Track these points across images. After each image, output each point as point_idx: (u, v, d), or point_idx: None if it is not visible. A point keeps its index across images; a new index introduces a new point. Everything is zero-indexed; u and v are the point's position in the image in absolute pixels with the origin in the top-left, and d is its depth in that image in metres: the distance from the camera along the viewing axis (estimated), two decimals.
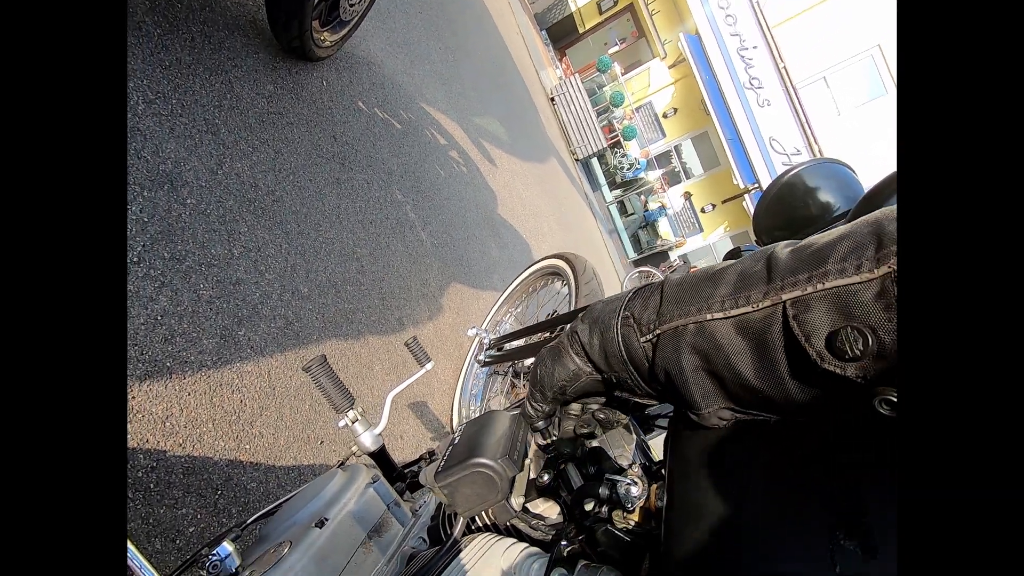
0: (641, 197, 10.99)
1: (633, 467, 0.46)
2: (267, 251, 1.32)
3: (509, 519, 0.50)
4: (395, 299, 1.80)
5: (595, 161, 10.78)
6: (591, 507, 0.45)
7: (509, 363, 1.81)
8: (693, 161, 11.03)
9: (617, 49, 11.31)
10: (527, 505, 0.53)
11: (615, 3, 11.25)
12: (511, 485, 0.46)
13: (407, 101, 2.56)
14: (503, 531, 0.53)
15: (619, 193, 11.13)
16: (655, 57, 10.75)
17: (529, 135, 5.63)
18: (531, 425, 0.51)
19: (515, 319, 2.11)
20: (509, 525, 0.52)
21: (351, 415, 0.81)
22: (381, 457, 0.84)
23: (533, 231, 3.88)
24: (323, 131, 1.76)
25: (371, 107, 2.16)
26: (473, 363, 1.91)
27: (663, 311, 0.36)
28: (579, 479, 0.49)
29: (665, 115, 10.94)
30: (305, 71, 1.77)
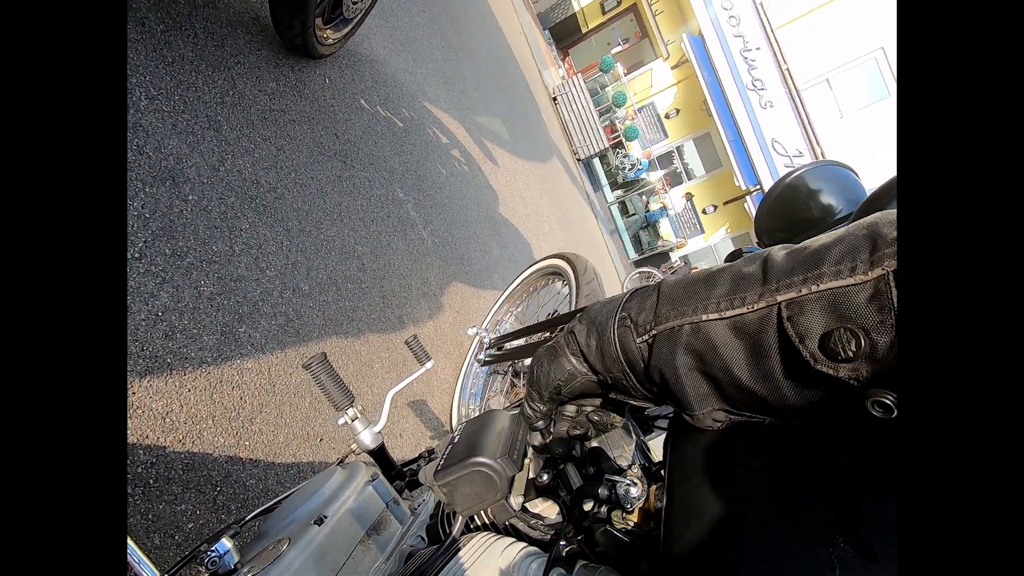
0: (643, 198, 10.99)
1: (633, 468, 0.46)
2: (268, 248, 1.32)
3: (508, 518, 0.50)
4: (396, 297, 1.80)
5: (597, 161, 10.77)
6: (590, 507, 0.45)
7: (509, 362, 1.81)
8: (695, 162, 11.02)
9: (620, 49, 11.30)
10: (526, 505, 0.53)
11: (618, 3, 11.24)
12: (510, 484, 0.46)
13: (409, 99, 2.56)
14: (502, 530, 0.53)
15: (620, 193, 11.12)
16: (658, 58, 10.74)
17: (531, 134, 5.63)
18: (530, 425, 0.51)
19: (515, 318, 2.11)
20: (508, 524, 0.52)
21: (351, 413, 0.81)
22: (380, 455, 0.84)
23: (534, 230, 3.88)
24: (325, 129, 1.76)
25: (373, 105, 2.16)
26: (473, 362, 1.91)
27: (659, 312, 0.36)
28: (578, 479, 0.49)
29: (667, 116, 10.93)
30: (308, 68, 1.77)
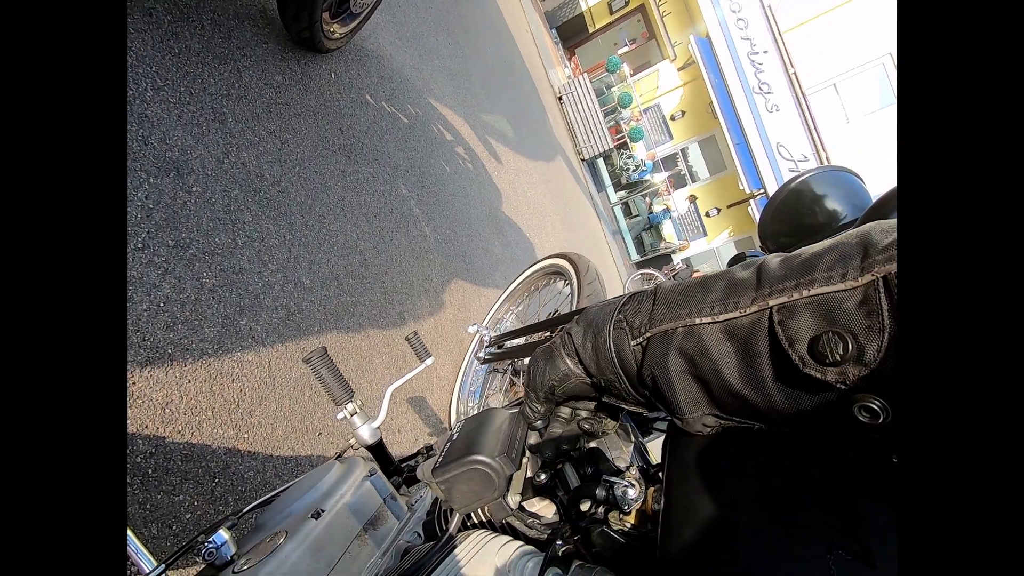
0: (646, 199, 10.97)
1: (631, 469, 0.46)
2: (271, 241, 1.32)
3: (505, 517, 0.51)
4: (397, 293, 1.80)
5: (601, 162, 10.75)
6: (587, 508, 0.45)
7: (508, 361, 1.81)
8: (699, 164, 10.99)
9: (627, 50, 11.27)
10: (523, 504, 0.53)
11: (626, 3, 11.21)
12: (508, 483, 0.46)
13: (415, 96, 2.56)
14: (498, 529, 0.53)
15: (624, 194, 11.10)
16: (665, 59, 10.70)
17: (536, 133, 5.62)
18: (529, 425, 0.51)
19: (516, 317, 2.11)
20: (505, 523, 0.52)
21: (350, 408, 0.81)
22: (378, 451, 0.84)
23: (537, 230, 3.88)
24: (330, 123, 1.76)
25: (379, 101, 2.16)
26: (473, 360, 1.91)
27: (654, 315, 0.36)
28: (576, 479, 0.49)
29: (673, 117, 10.90)
30: (314, 63, 1.77)
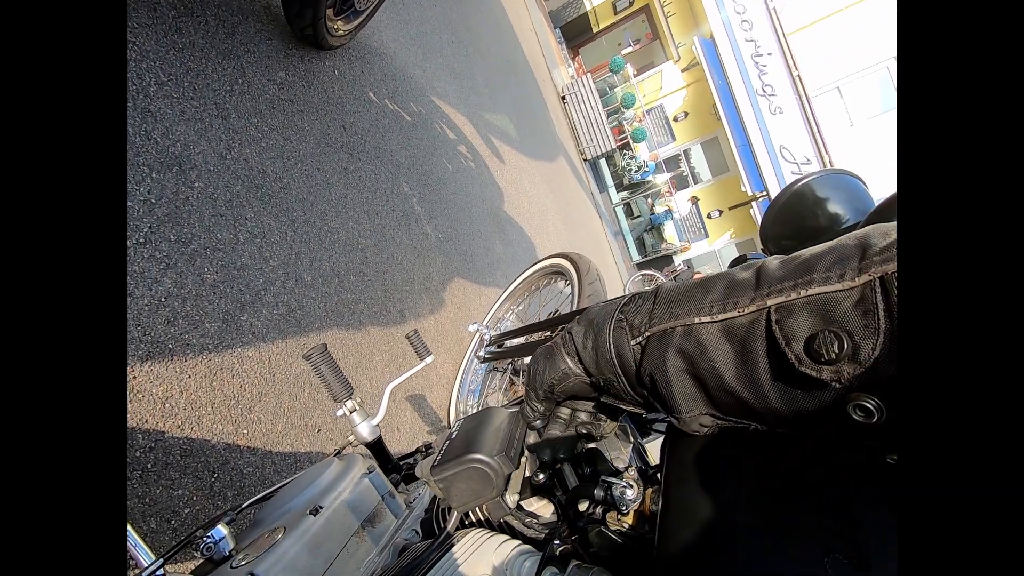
0: (648, 200, 10.96)
1: (629, 470, 0.46)
2: (272, 238, 1.32)
3: (503, 516, 0.51)
4: (398, 291, 1.80)
5: (603, 162, 10.74)
6: (585, 508, 0.45)
7: (508, 360, 1.81)
8: (702, 166, 10.98)
9: (630, 50, 11.25)
10: (521, 503, 0.53)
11: (630, 4, 11.19)
12: (506, 482, 0.46)
13: (418, 94, 2.56)
14: (496, 527, 0.53)
15: (626, 195, 11.10)
16: (668, 60, 10.69)
17: (539, 133, 5.62)
18: (528, 424, 0.51)
19: (517, 317, 2.11)
20: (503, 522, 0.52)
21: (349, 405, 0.81)
22: (377, 448, 0.84)
23: (538, 229, 3.88)
24: (333, 120, 1.76)
25: (382, 98, 2.16)
26: (473, 359, 1.91)
27: (654, 315, 0.37)
28: (574, 479, 0.49)
29: (676, 119, 10.89)
30: (317, 59, 1.77)
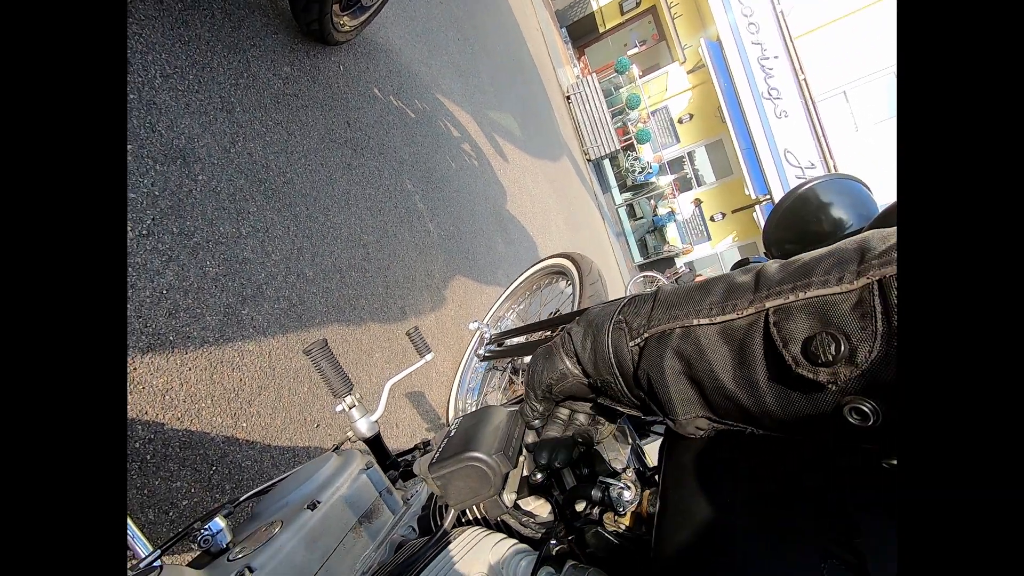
0: (651, 201, 10.94)
1: (627, 471, 0.46)
2: (275, 232, 1.32)
3: (500, 515, 0.51)
4: (399, 288, 1.81)
5: (607, 162, 10.73)
6: (582, 508, 0.45)
7: (508, 359, 1.81)
8: (706, 168, 10.95)
9: (636, 51, 11.23)
10: (519, 502, 0.53)
11: (637, 4, 11.16)
12: (504, 481, 0.46)
13: (423, 91, 2.56)
14: (493, 526, 0.53)
15: (629, 196, 11.08)
16: (674, 61, 10.66)
17: (543, 132, 5.61)
18: (527, 423, 0.51)
19: (517, 316, 2.11)
20: (499, 520, 0.52)
21: (349, 400, 0.81)
22: (376, 444, 0.84)
23: (541, 229, 3.88)
24: (337, 116, 1.76)
25: (386, 95, 2.16)
26: (472, 357, 1.91)
27: (653, 316, 0.37)
28: (572, 480, 0.49)
29: (680, 120, 10.86)
30: (323, 55, 1.77)
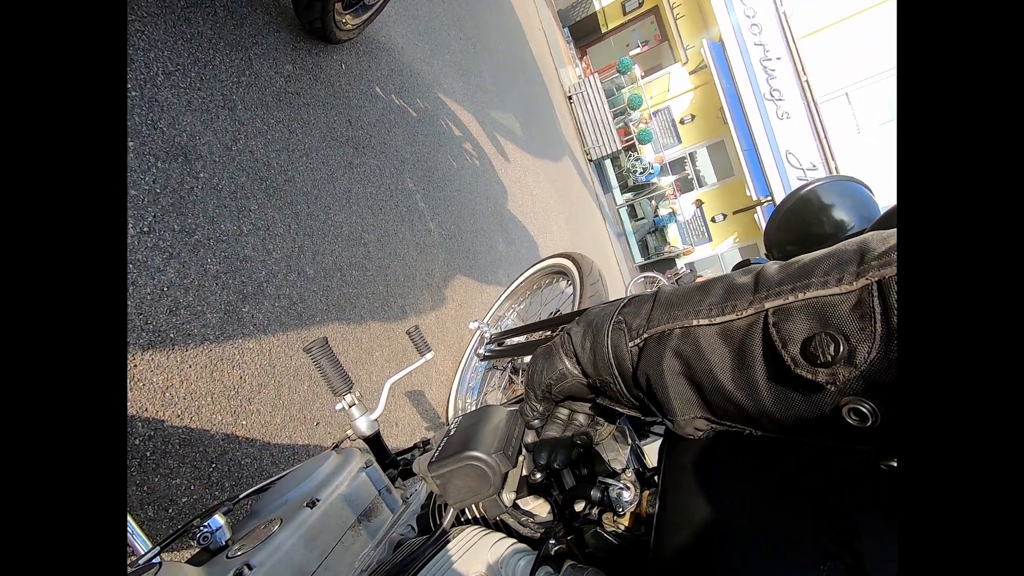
0: (652, 202, 10.93)
1: (627, 472, 0.46)
2: (276, 230, 1.32)
3: (499, 514, 0.51)
4: (399, 287, 1.81)
5: (608, 163, 10.72)
6: (582, 508, 0.45)
7: (508, 359, 1.81)
8: (707, 169, 10.95)
9: (639, 51, 11.22)
10: (518, 501, 0.53)
11: (640, 4, 11.15)
12: (503, 480, 0.46)
13: (424, 90, 2.56)
14: (492, 525, 0.53)
15: (630, 196, 11.07)
16: (676, 62, 10.65)
17: (544, 132, 5.61)
18: (527, 423, 0.51)
19: (518, 315, 2.11)
20: (498, 520, 0.52)
21: (348, 399, 0.81)
22: (375, 443, 0.84)
23: (541, 229, 3.88)
24: (339, 114, 1.76)
25: (388, 93, 2.16)
26: (472, 356, 1.91)
27: (653, 317, 0.37)
28: (571, 480, 0.49)
29: (682, 121, 10.85)
30: (325, 53, 1.77)
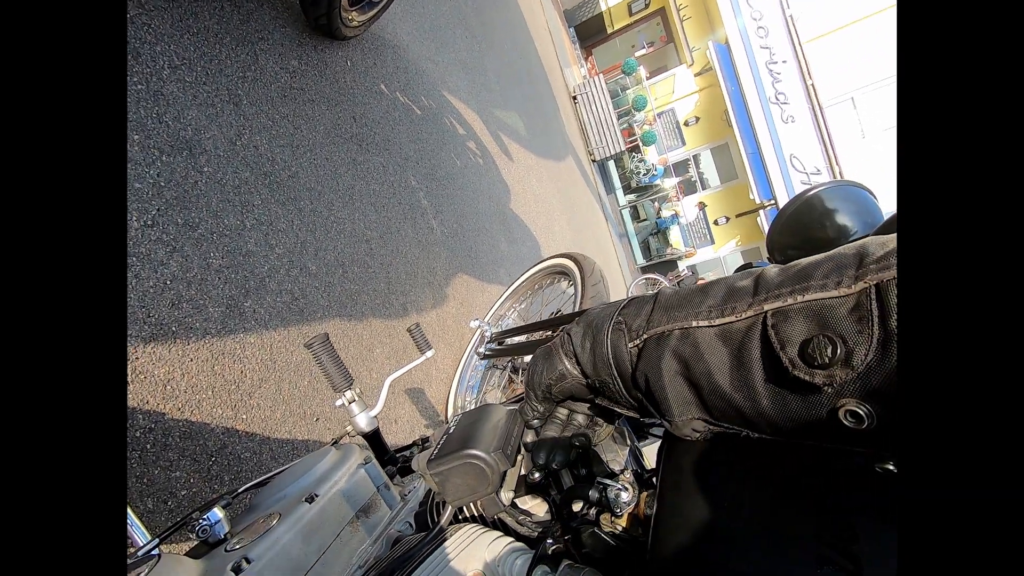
0: (655, 204, 10.92)
1: (625, 473, 0.46)
2: (279, 226, 1.33)
3: (497, 513, 0.51)
4: (401, 284, 1.81)
5: (612, 164, 10.71)
6: (579, 508, 0.45)
7: (508, 358, 1.81)
8: (711, 172, 10.93)
9: (644, 52, 11.20)
10: (516, 501, 0.53)
11: (646, 5, 11.13)
12: (502, 479, 0.47)
13: (429, 88, 2.56)
14: (489, 524, 0.53)
15: (633, 198, 11.06)
16: (682, 64, 10.63)
17: (549, 132, 5.60)
18: (527, 423, 0.51)
19: (519, 315, 2.11)
20: (496, 518, 0.52)
21: (348, 395, 0.81)
22: (375, 439, 0.84)
23: (544, 228, 3.87)
24: (344, 111, 1.76)
25: (393, 91, 2.16)
26: (473, 355, 1.92)
27: (652, 318, 0.37)
28: (570, 480, 0.49)
29: (686, 123, 10.83)
30: (330, 49, 1.77)
